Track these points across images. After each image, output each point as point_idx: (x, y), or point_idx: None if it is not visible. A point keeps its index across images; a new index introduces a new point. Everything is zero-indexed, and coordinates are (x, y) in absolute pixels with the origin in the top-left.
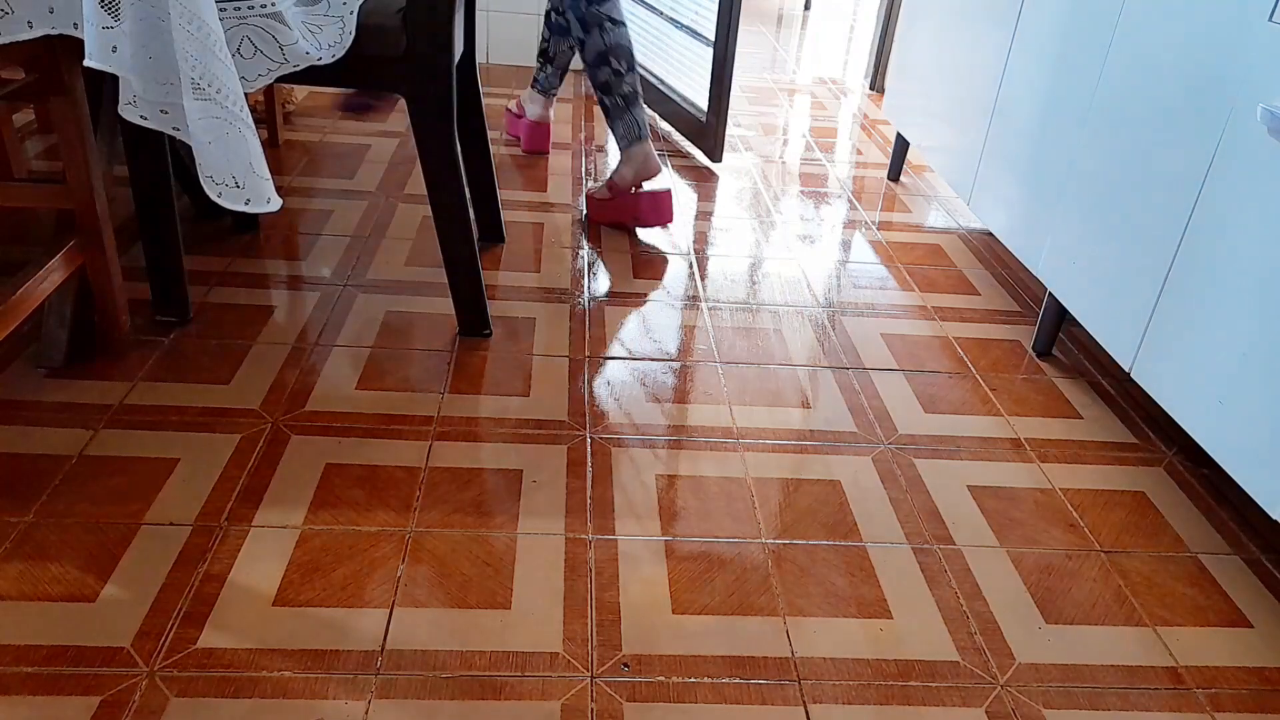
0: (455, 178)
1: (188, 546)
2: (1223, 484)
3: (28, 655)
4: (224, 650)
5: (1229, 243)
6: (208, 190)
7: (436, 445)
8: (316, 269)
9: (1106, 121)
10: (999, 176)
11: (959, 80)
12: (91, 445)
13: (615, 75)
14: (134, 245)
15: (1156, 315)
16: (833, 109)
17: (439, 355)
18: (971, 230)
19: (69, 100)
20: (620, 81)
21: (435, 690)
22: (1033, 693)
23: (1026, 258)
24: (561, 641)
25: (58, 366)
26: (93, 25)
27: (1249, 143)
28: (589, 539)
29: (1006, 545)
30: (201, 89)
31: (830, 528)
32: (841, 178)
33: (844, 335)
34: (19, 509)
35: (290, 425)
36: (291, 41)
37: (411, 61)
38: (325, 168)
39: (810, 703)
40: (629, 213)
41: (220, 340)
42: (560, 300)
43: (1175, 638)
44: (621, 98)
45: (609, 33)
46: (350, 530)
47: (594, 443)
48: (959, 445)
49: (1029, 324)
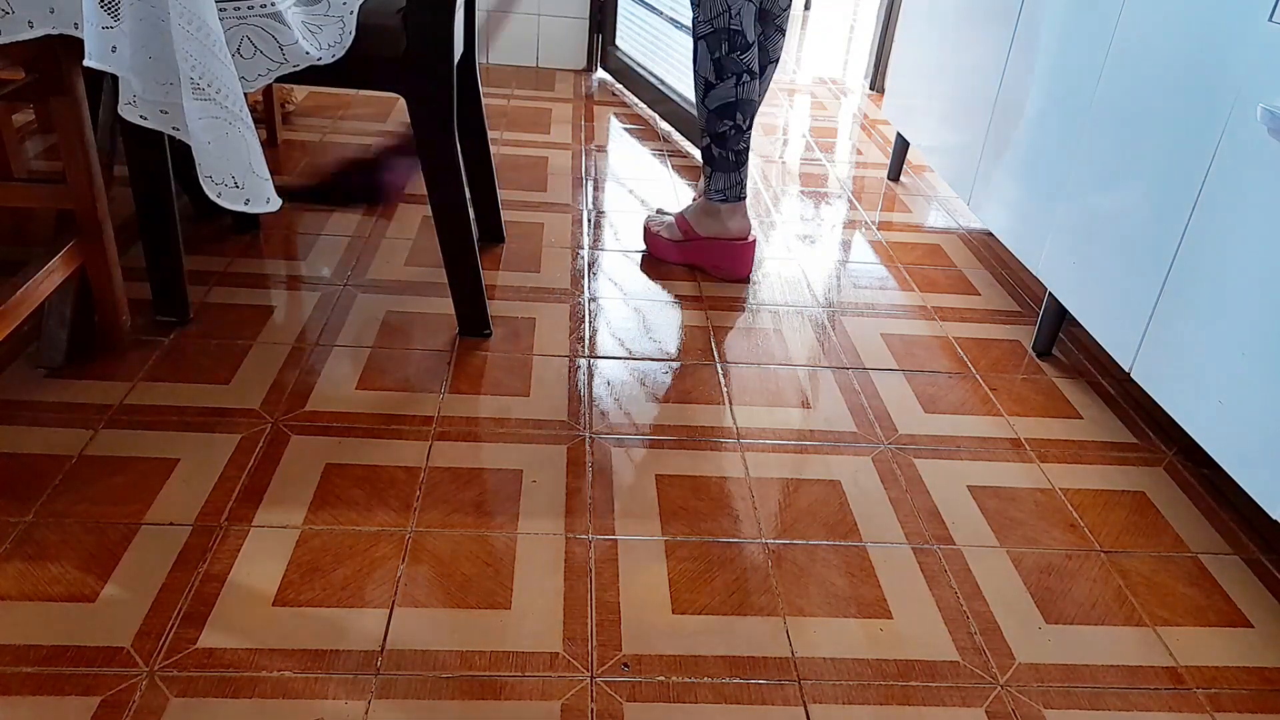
0: (455, 178)
1: (188, 546)
2: (1223, 484)
3: (28, 655)
4: (224, 650)
5: (1229, 243)
6: (207, 190)
7: (436, 445)
8: (316, 269)
9: (1107, 121)
10: (999, 176)
11: (959, 80)
12: (91, 445)
13: (735, 130)
14: (134, 245)
15: (1156, 315)
16: (833, 109)
17: (439, 355)
18: (971, 230)
19: (69, 100)
20: (739, 137)
21: (435, 690)
22: (1033, 693)
23: (1026, 258)
24: (561, 641)
25: (58, 366)
26: (93, 25)
27: (1249, 143)
28: (589, 539)
29: (1006, 545)
30: (201, 89)
31: (830, 528)
32: (841, 178)
33: (844, 335)
34: (19, 509)
35: (290, 425)
36: (291, 41)
37: (411, 62)
38: (325, 168)
39: (810, 703)
40: (709, 260)
41: (220, 340)
42: (560, 300)
43: (1175, 638)
44: (734, 154)
45: (745, 86)
46: (350, 530)
47: (594, 443)
48: (959, 445)
49: (1029, 324)
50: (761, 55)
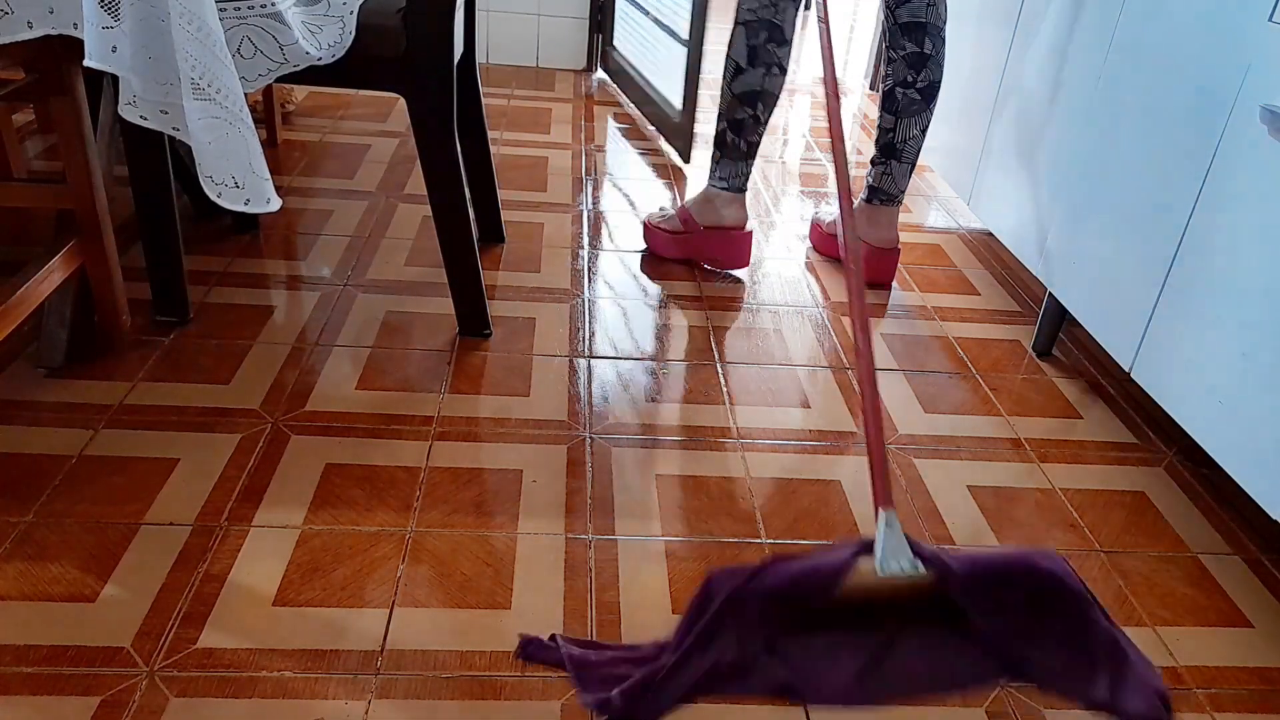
0: (455, 178)
1: (188, 546)
2: (1223, 484)
3: (28, 655)
4: (224, 650)
5: (1229, 243)
6: (208, 190)
7: (436, 445)
8: (316, 269)
9: (1107, 121)
10: (999, 176)
11: (959, 80)
12: (91, 445)
13: (753, 120)
14: (134, 245)
15: (1156, 315)
16: None
17: (439, 355)
18: (971, 230)
19: (69, 100)
20: (755, 128)
21: (435, 690)
22: (1033, 693)
23: (1026, 258)
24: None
25: (58, 366)
26: (93, 25)
27: (1249, 143)
28: (589, 539)
29: (1007, 545)
30: (201, 89)
31: (830, 528)
32: None
33: (844, 335)
34: (19, 509)
35: (290, 425)
36: (291, 41)
37: (411, 62)
38: (325, 168)
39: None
40: (707, 252)
41: (220, 340)
42: (560, 300)
43: (1175, 638)
44: (747, 143)
45: (773, 79)
46: (350, 530)
47: (594, 443)
48: (959, 445)
49: (1029, 324)
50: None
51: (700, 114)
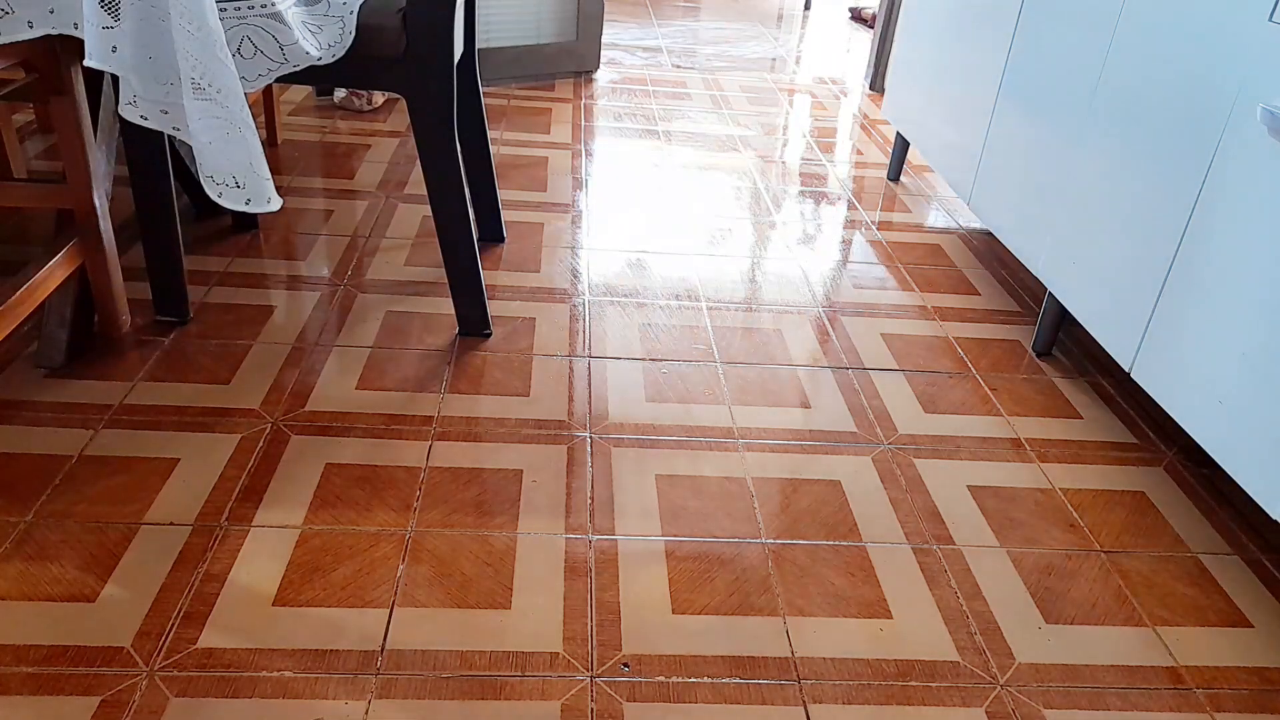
0: (455, 178)
1: (188, 546)
2: (1223, 484)
3: (28, 655)
4: (224, 650)
5: (1229, 243)
6: (208, 190)
7: (436, 445)
8: (316, 269)
9: (1106, 121)
10: (999, 176)
11: (959, 80)
12: (91, 445)
13: None
14: (134, 245)
15: (1156, 315)
16: (833, 109)
17: (439, 355)
18: (971, 230)
19: (69, 100)
20: None
21: (435, 690)
22: (1033, 693)
23: (1026, 258)
24: (561, 641)
25: (58, 366)
26: (93, 25)
27: (1249, 143)
28: (589, 539)
29: (1006, 545)
30: (202, 89)
31: (830, 528)
32: (841, 178)
33: (844, 335)
34: (19, 509)
35: (290, 425)
36: (291, 41)
37: (411, 61)
38: (325, 168)
39: (810, 703)
40: None
41: (220, 340)
42: (560, 300)
43: (1175, 638)
44: None
45: None
46: (350, 530)
47: (594, 443)
48: (959, 445)
49: (1029, 324)
50: None
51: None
